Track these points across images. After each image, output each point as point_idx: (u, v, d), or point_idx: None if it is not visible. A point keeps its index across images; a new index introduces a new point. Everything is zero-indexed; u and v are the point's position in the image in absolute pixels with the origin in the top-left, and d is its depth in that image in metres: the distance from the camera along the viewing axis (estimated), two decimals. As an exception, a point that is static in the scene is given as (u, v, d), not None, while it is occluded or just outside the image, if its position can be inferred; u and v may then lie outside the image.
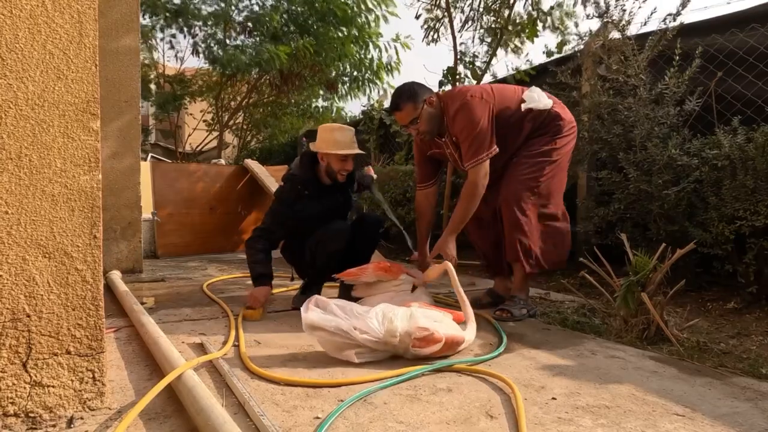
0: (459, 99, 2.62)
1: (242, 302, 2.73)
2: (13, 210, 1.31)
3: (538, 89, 2.71)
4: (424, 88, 2.69)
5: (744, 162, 2.67)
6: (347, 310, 1.90)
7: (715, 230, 2.77)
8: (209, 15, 9.30)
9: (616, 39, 3.48)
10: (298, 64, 8.98)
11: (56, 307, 1.36)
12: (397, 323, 1.87)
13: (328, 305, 1.90)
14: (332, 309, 1.89)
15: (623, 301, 2.31)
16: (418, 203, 3.01)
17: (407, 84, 2.71)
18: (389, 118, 6.33)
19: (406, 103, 2.63)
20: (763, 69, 3.10)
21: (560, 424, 1.42)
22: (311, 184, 2.77)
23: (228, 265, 4.54)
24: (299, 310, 2.65)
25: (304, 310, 1.86)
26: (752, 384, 1.77)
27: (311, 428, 1.35)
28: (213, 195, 5.65)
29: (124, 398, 1.53)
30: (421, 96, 2.63)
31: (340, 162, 2.73)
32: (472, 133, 2.55)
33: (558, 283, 3.51)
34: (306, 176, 2.77)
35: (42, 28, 1.34)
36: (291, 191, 2.76)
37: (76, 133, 1.38)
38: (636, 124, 3.19)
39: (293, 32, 9.14)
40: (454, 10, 4.91)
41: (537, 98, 2.66)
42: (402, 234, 5.17)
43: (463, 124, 2.58)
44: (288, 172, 2.86)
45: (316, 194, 2.76)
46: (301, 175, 2.77)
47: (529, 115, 2.66)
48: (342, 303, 1.94)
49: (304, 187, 2.74)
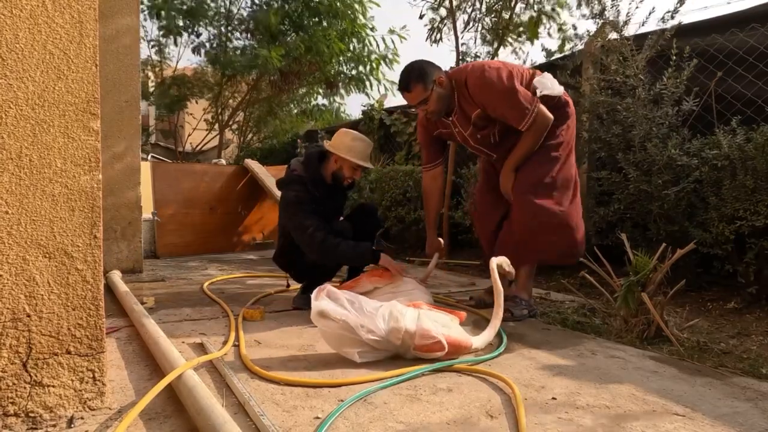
0: (477, 71, 2.56)
1: (243, 302, 2.73)
2: (14, 210, 1.31)
3: (549, 75, 2.67)
4: (434, 67, 2.64)
5: (744, 162, 2.67)
6: (357, 306, 1.88)
7: (715, 230, 2.77)
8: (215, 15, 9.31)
9: (614, 39, 3.48)
10: (296, 63, 8.97)
11: (56, 307, 1.36)
12: (402, 324, 1.85)
13: (339, 298, 1.89)
14: (342, 302, 1.87)
15: (623, 301, 2.31)
16: (425, 185, 3.00)
17: (417, 63, 2.65)
18: (389, 118, 6.34)
19: (416, 84, 2.58)
20: (763, 69, 3.09)
21: (560, 424, 1.42)
22: (319, 185, 2.72)
23: (228, 265, 4.54)
24: (300, 310, 2.68)
25: (315, 297, 1.86)
26: (752, 384, 1.77)
27: (311, 428, 1.35)
28: (213, 195, 5.65)
29: (124, 398, 1.53)
30: (431, 76, 2.58)
31: (353, 170, 2.72)
32: (500, 95, 2.50)
33: (558, 283, 3.51)
34: (315, 177, 2.71)
35: (42, 28, 1.34)
36: (305, 192, 2.67)
37: (76, 132, 1.38)
38: (635, 125, 3.20)
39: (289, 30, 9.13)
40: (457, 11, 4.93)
41: (550, 85, 2.62)
42: (402, 234, 5.18)
43: (489, 89, 2.52)
44: (292, 173, 2.74)
45: (322, 195, 2.73)
46: (310, 177, 2.70)
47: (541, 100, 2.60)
48: (352, 296, 1.92)
49: (314, 188, 2.69)
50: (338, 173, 2.73)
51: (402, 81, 2.63)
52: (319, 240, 2.55)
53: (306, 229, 2.57)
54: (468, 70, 2.62)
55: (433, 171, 2.95)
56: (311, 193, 2.66)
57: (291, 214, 2.65)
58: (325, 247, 2.55)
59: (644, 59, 3.28)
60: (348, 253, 2.59)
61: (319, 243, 2.55)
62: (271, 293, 3.16)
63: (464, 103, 2.64)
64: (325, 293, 1.89)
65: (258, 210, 5.95)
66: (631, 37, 3.42)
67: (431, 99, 2.60)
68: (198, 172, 5.75)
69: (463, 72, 2.64)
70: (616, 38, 3.46)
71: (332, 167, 2.74)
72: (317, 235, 2.56)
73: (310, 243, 2.58)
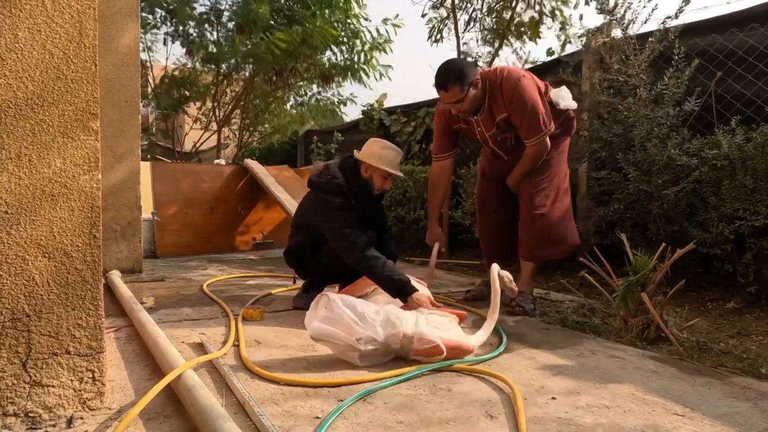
0: (513, 79, 2.64)
1: (243, 302, 2.73)
2: (13, 210, 1.31)
3: (566, 89, 2.82)
4: (471, 68, 2.68)
5: (743, 162, 2.67)
6: (358, 313, 1.85)
7: (715, 230, 2.77)
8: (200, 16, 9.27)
9: (618, 38, 3.47)
10: (290, 57, 8.92)
11: (56, 307, 1.36)
12: (399, 329, 1.84)
13: (335, 306, 1.85)
14: (339, 311, 1.83)
15: (623, 301, 2.31)
16: (433, 175, 3.03)
17: (457, 63, 2.69)
18: (389, 118, 6.34)
19: (455, 86, 2.61)
20: (763, 69, 3.09)
21: (560, 424, 1.42)
22: (358, 195, 2.67)
23: (228, 265, 4.54)
24: (300, 309, 2.68)
25: (309, 321, 1.84)
26: (752, 384, 1.77)
27: (311, 428, 1.35)
28: (213, 195, 5.65)
29: (124, 398, 1.53)
30: (469, 77, 2.62)
31: (383, 179, 2.69)
32: (528, 111, 2.62)
33: (558, 283, 3.51)
34: (353, 187, 2.66)
35: (42, 27, 1.34)
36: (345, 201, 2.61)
37: (75, 132, 1.38)
38: (636, 124, 3.19)
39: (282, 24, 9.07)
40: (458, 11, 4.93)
41: (567, 97, 2.79)
42: (402, 234, 5.18)
43: (521, 101, 2.62)
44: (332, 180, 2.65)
45: (360, 205, 2.69)
46: (349, 186, 2.65)
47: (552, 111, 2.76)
48: (350, 301, 1.89)
49: (352, 197, 2.64)
50: (369, 182, 2.70)
51: (440, 79, 2.64)
52: (361, 246, 2.49)
53: (348, 236, 2.52)
54: (504, 75, 2.68)
55: (443, 162, 2.98)
56: (350, 200, 2.63)
57: (332, 218, 2.59)
58: (363, 258, 2.47)
59: (647, 59, 3.28)
60: (381, 275, 2.44)
61: (361, 250, 2.48)
62: (271, 293, 3.16)
63: (494, 106, 2.72)
64: (322, 304, 1.86)
65: (258, 210, 5.94)
66: (635, 36, 3.41)
67: (466, 100, 2.64)
68: (198, 172, 5.75)
69: (497, 75, 2.70)
70: (619, 36, 3.46)
71: (363, 176, 2.70)
72: (359, 243, 2.50)
73: (351, 249, 2.51)
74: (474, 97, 2.66)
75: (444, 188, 3.03)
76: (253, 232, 5.92)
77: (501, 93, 2.66)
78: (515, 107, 2.64)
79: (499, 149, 2.89)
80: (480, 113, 2.76)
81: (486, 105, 2.73)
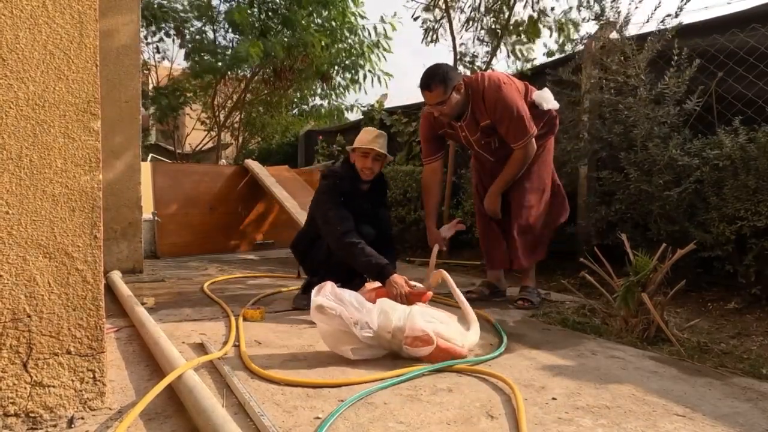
0: (494, 86, 2.72)
1: (244, 302, 2.73)
2: (14, 210, 1.31)
3: (548, 90, 2.91)
4: (455, 73, 2.78)
5: (746, 162, 2.67)
6: (357, 303, 1.90)
7: (716, 230, 2.77)
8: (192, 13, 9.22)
9: (615, 39, 3.48)
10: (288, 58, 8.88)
11: (57, 308, 1.36)
12: (392, 319, 1.88)
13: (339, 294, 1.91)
14: (342, 298, 1.89)
15: (623, 301, 2.31)
16: (425, 178, 3.14)
17: (442, 66, 2.76)
18: (390, 118, 6.34)
19: (438, 86, 2.69)
20: (764, 69, 3.09)
21: (560, 424, 1.42)
22: (347, 181, 2.76)
23: (228, 265, 4.54)
24: (300, 310, 2.68)
25: (315, 293, 1.88)
26: (753, 384, 1.77)
27: (312, 428, 1.35)
28: (213, 195, 5.65)
29: (124, 398, 1.53)
30: (453, 81, 2.71)
31: (362, 158, 2.75)
32: (513, 117, 2.70)
33: (558, 283, 3.51)
34: (344, 172, 2.78)
35: (42, 28, 1.34)
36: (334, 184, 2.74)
37: (76, 133, 1.38)
38: (636, 124, 3.19)
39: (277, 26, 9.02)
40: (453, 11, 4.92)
41: (549, 98, 2.87)
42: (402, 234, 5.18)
43: (504, 109, 2.70)
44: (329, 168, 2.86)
45: (350, 194, 2.75)
46: (340, 172, 2.79)
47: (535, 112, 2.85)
48: (354, 295, 1.94)
49: (342, 183, 2.74)
50: (356, 168, 2.78)
51: (425, 80, 2.74)
52: (341, 231, 2.55)
53: (330, 219, 2.62)
54: (485, 83, 2.76)
55: (433, 164, 3.09)
56: (339, 186, 2.73)
57: (319, 201, 2.74)
58: (344, 243, 2.54)
59: (646, 59, 3.28)
60: (360, 259, 2.50)
61: (341, 234, 2.55)
62: (271, 293, 3.16)
63: (477, 112, 2.81)
64: (326, 290, 1.91)
65: (258, 210, 5.95)
66: (633, 37, 3.42)
67: (448, 103, 2.73)
68: (198, 172, 5.75)
69: (479, 83, 2.78)
70: (616, 38, 3.46)
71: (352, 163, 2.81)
72: (337, 231, 2.56)
73: (332, 232, 2.60)
74: (457, 103, 2.76)
75: (437, 190, 3.13)
76: (253, 233, 5.93)
77: (483, 101, 2.75)
78: (500, 115, 2.73)
79: (483, 152, 2.99)
80: (464, 119, 2.85)
81: (469, 111, 2.82)
